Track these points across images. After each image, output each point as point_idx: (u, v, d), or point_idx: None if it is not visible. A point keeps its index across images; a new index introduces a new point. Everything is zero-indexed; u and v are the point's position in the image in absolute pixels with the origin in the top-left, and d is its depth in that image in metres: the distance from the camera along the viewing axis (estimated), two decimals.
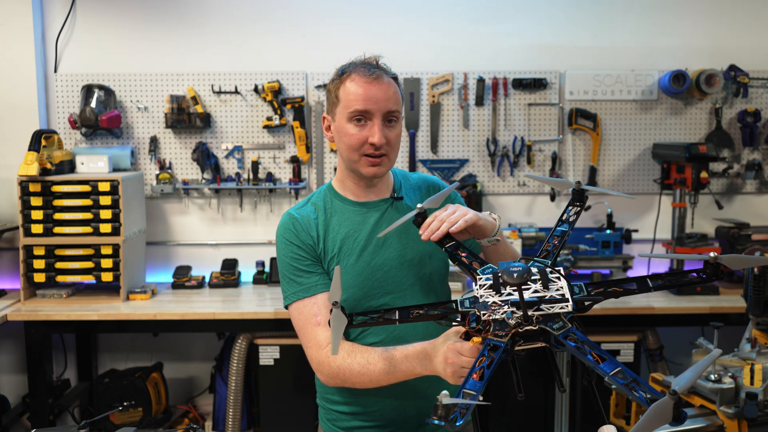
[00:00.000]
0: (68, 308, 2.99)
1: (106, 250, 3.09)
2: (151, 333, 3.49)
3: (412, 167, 3.49)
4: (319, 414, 1.75)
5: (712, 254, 1.19)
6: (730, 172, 3.51)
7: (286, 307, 1.61)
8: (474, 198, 3.38)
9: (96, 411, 3.29)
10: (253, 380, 3.21)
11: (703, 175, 3.17)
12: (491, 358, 1.09)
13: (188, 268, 3.42)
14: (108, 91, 3.36)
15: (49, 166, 3.07)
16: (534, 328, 1.12)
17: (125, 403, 3.22)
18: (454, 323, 1.26)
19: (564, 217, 1.38)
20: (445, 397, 1.00)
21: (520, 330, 1.13)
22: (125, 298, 3.13)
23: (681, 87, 3.38)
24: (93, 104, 3.29)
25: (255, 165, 3.44)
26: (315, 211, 1.63)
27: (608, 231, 3.37)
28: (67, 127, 3.42)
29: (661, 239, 3.49)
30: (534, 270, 1.20)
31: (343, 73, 1.56)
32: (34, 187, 3.05)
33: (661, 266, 3.49)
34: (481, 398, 1.07)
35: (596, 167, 3.51)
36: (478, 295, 1.20)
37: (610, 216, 3.42)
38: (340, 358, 1.49)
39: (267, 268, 3.45)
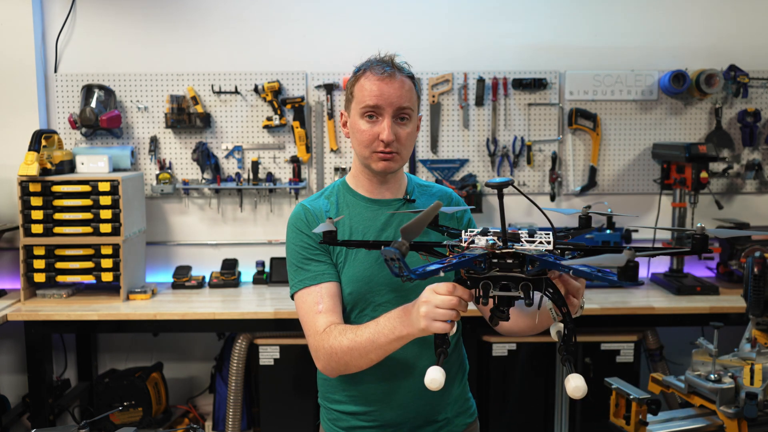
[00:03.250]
0: (68, 308, 2.99)
1: (106, 250, 3.09)
2: (151, 333, 3.49)
3: (412, 167, 3.49)
4: (320, 414, 1.75)
5: (699, 225, 1.20)
6: (730, 172, 3.51)
7: (292, 297, 1.61)
8: (474, 198, 3.38)
9: (96, 411, 3.29)
10: (253, 380, 3.21)
11: (703, 175, 3.17)
12: (462, 257, 1.11)
13: (188, 268, 3.42)
14: (108, 91, 3.36)
15: (49, 166, 3.07)
16: (510, 250, 1.14)
17: (125, 403, 3.22)
18: (438, 256, 1.29)
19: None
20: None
21: (497, 251, 1.14)
22: (125, 298, 3.12)
23: (681, 87, 3.38)
24: (93, 104, 3.30)
25: (255, 165, 3.44)
26: (328, 205, 1.65)
27: (608, 231, 3.37)
28: (67, 127, 3.42)
29: (661, 239, 3.49)
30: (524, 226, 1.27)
31: (358, 71, 1.60)
32: (34, 187, 3.05)
33: (661, 266, 3.49)
34: (442, 273, 1.11)
35: (596, 167, 3.51)
36: (464, 236, 1.26)
37: (610, 216, 3.42)
38: (332, 338, 1.49)
39: (267, 268, 3.45)
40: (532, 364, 3.07)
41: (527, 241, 1.20)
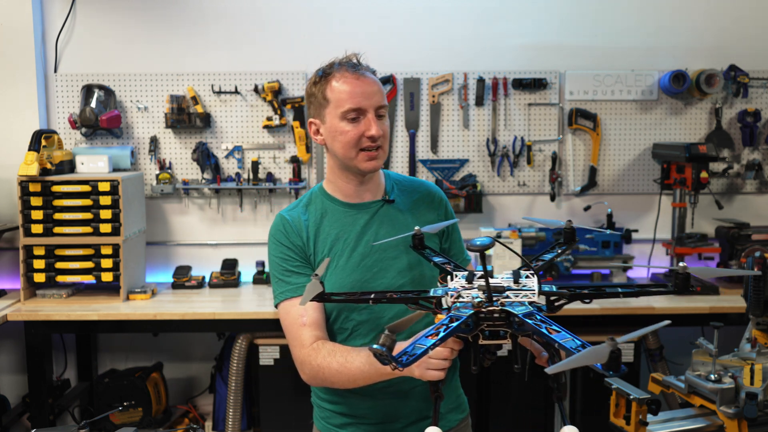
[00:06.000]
0: (68, 308, 2.99)
1: (106, 250, 3.09)
2: (151, 333, 3.49)
3: (412, 167, 3.49)
4: (314, 413, 1.76)
5: (681, 264, 1.19)
6: (730, 172, 3.51)
7: (276, 306, 1.62)
8: (474, 198, 3.38)
9: (96, 411, 3.29)
10: (253, 380, 3.21)
11: (703, 175, 3.17)
12: (448, 327, 1.10)
13: (188, 268, 3.42)
14: (108, 91, 3.36)
15: (49, 166, 3.07)
16: (496, 308, 1.13)
17: (125, 403, 3.22)
18: (425, 309, 1.29)
19: (553, 250, 1.43)
20: (389, 338, 1.00)
21: (483, 309, 1.14)
22: (125, 298, 3.12)
23: (681, 87, 3.38)
24: (93, 104, 3.30)
25: (255, 165, 3.44)
26: (306, 213, 1.64)
27: (608, 231, 3.37)
28: (67, 127, 3.42)
29: (661, 239, 3.49)
30: (507, 271, 1.28)
31: (324, 74, 1.58)
32: (34, 187, 3.05)
33: (661, 267, 3.49)
34: (431, 352, 1.11)
35: (596, 167, 3.51)
36: (451, 286, 1.26)
37: (610, 216, 3.42)
38: (321, 357, 1.50)
39: (267, 268, 3.45)
40: (533, 364, 3.07)
41: (512, 292, 1.20)
